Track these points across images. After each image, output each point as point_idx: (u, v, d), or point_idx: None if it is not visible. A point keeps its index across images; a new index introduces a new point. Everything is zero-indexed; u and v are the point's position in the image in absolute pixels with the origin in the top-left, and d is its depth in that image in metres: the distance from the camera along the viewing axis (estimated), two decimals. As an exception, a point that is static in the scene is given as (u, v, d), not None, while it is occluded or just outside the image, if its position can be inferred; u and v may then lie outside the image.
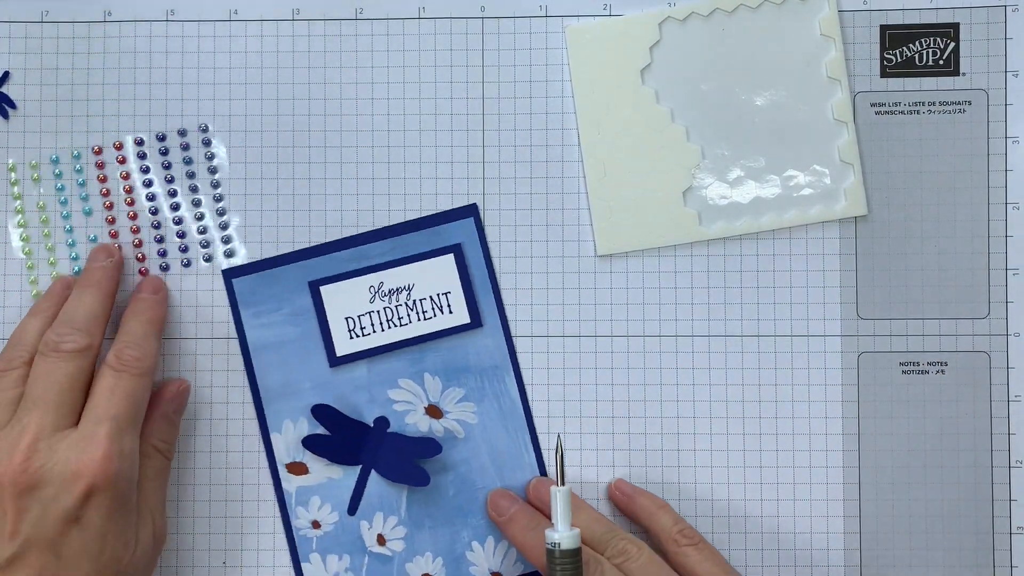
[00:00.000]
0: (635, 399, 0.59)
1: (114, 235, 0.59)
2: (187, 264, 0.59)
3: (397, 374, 0.59)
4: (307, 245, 0.59)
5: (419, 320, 0.58)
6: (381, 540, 0.59)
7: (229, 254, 0.59)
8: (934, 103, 0.59)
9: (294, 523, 0.59)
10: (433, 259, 0.59)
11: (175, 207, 0.59)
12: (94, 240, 0.59)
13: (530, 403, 0.59)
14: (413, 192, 0.59)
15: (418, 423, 0.59)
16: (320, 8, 0.60)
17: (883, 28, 0.60)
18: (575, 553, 0.52)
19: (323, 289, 0.58)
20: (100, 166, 0.59)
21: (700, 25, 0.60)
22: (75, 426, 0.52)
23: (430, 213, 0.59)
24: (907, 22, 0.60)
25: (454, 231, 0.59)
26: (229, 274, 0.59)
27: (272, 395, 0.59)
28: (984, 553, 0.59)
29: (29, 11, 0.60)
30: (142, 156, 0.59)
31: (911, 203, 0.60)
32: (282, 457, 0.59)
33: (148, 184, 0.59)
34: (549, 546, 0.52)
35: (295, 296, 0.59)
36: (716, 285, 0.60)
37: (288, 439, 0.59)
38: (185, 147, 0.59)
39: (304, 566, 0.58)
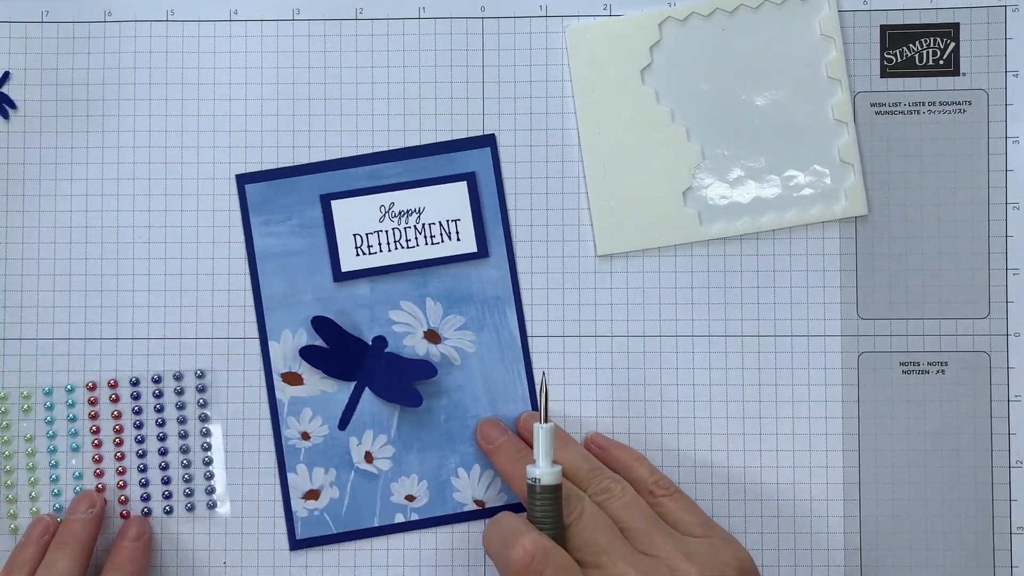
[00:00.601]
0: (635, 399, 0.59)
1: (99, 474, 0.59)
2: (169, 511, 0.58)
3: (399, 296, 0.59)
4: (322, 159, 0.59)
5: (426, 244, 0.59)
6: (369, 458, 0.59)
7: (212, 505, 0.59)
8: (934, 103, 0.59)
9: (284, 433, 0.59)
10: (446, 185, 0.59)
11: (163, 451, 0.59)
12: (79, 477, 0.59)
13: (528, 337, 0.59)
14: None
15: (416, 346, 0.59)
16: (320, 8, 0.60)
17: (883, 28, 0.60)
18: (555, 489, 0.52)
19: (334, 203, 0.59)
20: (93, 402, 0.59)
21: (700, 25, 0.60)
22: None
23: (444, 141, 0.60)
24: (907, 22, 0.60)
25: (470, 159, 0.59)
26: (243, 179, 0.59)
27: (274, 304, 0.59)
28: (984, 553, 0.59)
29: (29, 11, 0.60)
30: (136, 396, 0.59)
31: (911, 203, 0.60)
32: (278, 366, 0.59)
33: (138, 426, 0.59)
34: (530, 481, 0.52)
35: (306, 208, 0.59)
36: (716, 285, 0.60)
37: (286, 348, 0.59)
38: (179, 391, 0.59)
39: (290, 476, 0.59)
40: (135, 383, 0.59)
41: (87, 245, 0.59)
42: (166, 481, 0.59)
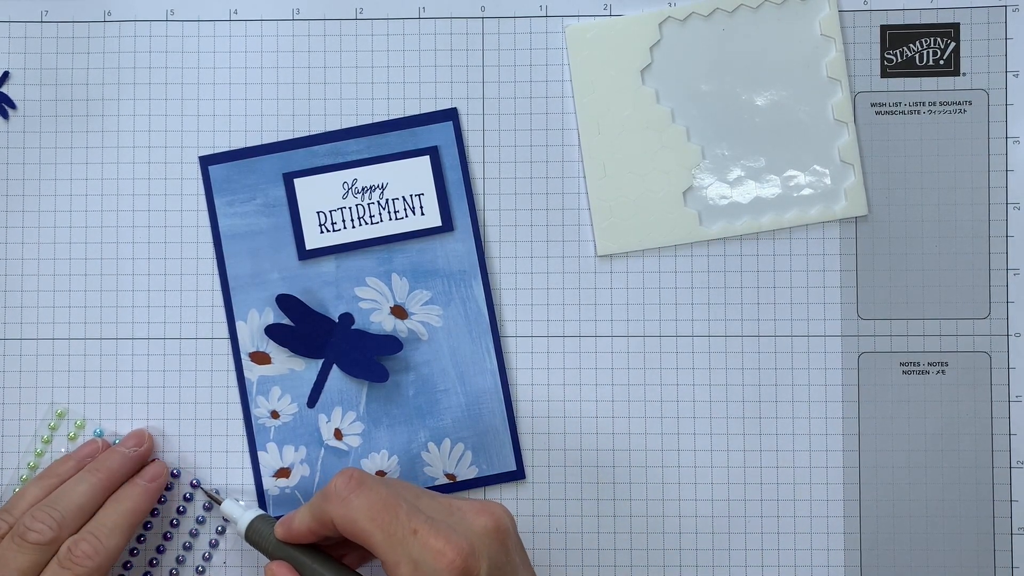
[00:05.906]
0: (635, 399, 0.59)
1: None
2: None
3: (365, 272, 0.59)
4: (286, 137, 0.59)
5: (391, 219, 0.59)
6: (338, 435, 0.59)
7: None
8: (934, 103, 0.59)
9: (253, 412, 0.59)
10: (409, 160, 0.59)
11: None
12: None
13: (496, 307, 0.59)
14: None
15: (383, 322, 0.59)
16: (320, 8, 0.60)
17: (883, 28, 0.60)
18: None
19: (297, 181, 0.59)
20: None
21: (700, 25, 0.60)
22: None
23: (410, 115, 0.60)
24: (907, 22, 0.60)
25: (432, 134, 0.59)
26: (206, 161, 0.59)
27: (240, 284, 0.59)
28: (984, 553, 0.59)
29: (29, 11, 0.60)
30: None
31: (911, 203, 0.60)
32: (246, 346, 0.59)
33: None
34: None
35: (269, 187, 0.59)
36: (716, 285, 0.59)
37: (253, 328, 0.59)
38: (203, 524, 0.59)
39: (260, 455, 0.59)
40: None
41: (87, 245, 0.59)
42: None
